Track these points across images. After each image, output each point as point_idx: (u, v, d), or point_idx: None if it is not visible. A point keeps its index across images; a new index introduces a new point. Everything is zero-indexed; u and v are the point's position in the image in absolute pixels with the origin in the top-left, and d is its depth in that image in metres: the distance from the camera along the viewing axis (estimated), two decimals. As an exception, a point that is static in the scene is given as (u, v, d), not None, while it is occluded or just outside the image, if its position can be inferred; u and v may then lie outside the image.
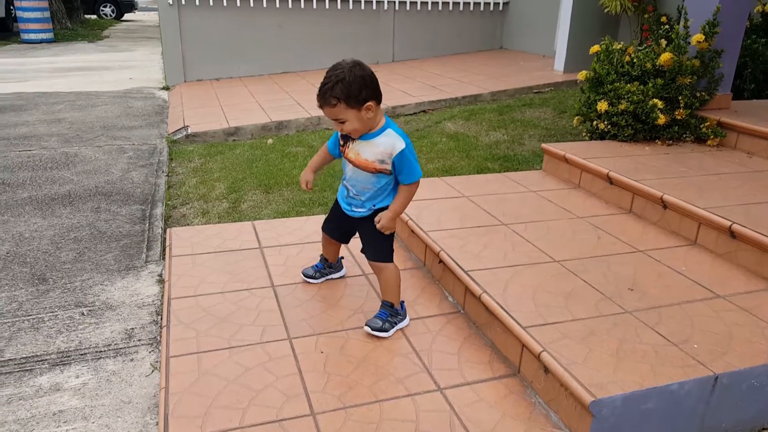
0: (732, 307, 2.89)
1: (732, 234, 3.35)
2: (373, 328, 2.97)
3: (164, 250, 4.00)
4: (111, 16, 25.98)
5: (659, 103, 4.83)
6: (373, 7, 11.02)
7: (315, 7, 10.62)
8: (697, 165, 4.42)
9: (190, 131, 6.76)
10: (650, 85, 4.94)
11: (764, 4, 6.31)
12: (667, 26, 5.67)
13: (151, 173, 5.55)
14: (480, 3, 11.76)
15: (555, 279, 3.14)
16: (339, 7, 10.76)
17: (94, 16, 25.39)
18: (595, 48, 5.44)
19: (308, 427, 2.39)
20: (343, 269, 3.60)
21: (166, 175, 5.52)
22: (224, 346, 2.89)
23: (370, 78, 2.69)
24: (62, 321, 3.22)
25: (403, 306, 3.10)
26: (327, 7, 10.69)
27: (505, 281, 3.10)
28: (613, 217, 3.98)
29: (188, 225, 4.36)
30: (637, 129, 4.98)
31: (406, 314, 3.11)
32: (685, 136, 5.02)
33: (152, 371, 2.86)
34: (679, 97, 4.92)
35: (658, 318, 2.78)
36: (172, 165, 5.83)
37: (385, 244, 2.99)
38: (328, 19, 10.78)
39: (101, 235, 4.24)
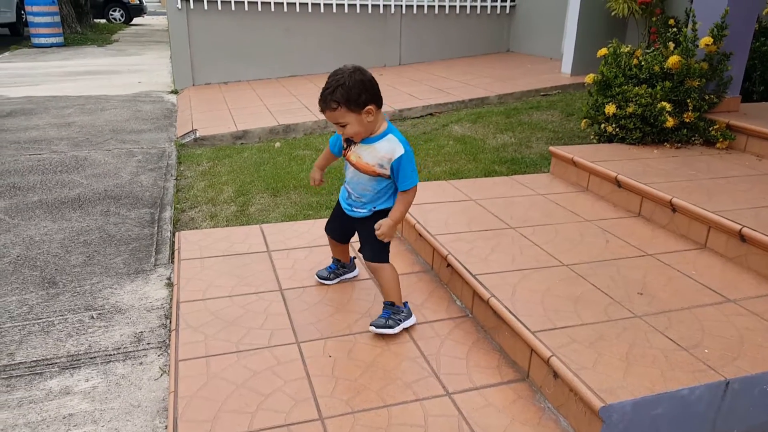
0: (743, 312, 2.87)
1: (742, 237, 3.34)
2: (378, 326, 2.98)
3: (173, 254, 4.01)
4: (120, 20, 26.07)
5: (667, 106, 4.82)
6: (380, 11, 11.02)
7: (322, 11, 10.63)
8: (706, 168, 4.40)
9: (198, 135, 6.77)
10: (658, 88, 4.92)
11: (773, 7, 6.29)
12: (675, 29, 5.64)
13: (160, 177, 5.56)
14: (487, 6, 11.75)
15: (563, 283, 3.13)
16: (346, 10, 10.78)
17: (104, 21, 25.49)
18: (603, 51, 5.43)
19: (317, 432, 2.40)
20: (357, 269, 3.62)
21: (174, 178, 5.53)
22: (232, 349, 2.90)
23: (370, 82, 2.75)
24: (72, 324, 3.23)
25: (406, 305, 3.10)
26: (334, 11, 10.70)
27: (513, 285, 3.10)
28: (621, 221, 3.97)
29: (197, 228, 4.37)
30: (646, 132, 4.97)
31: (411, 313, 3.11)
32: (693, 139, 5.00)
33: (161, 375, 2.86)
34: (688, 100, 4.91)
35: (668, 322, 2.77)
36: (181, 168, 5.84)
37: (382, 244, 3.00)
38: (335, 23, 10.80)
39: (110, 239, 4.25)
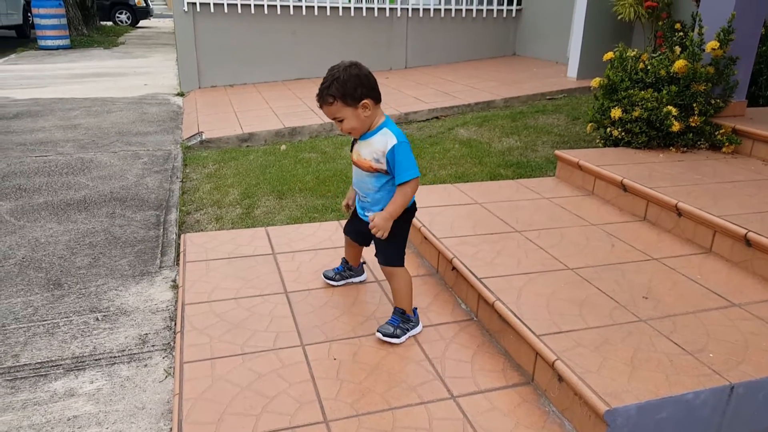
0: (748, 316, 2.86)
1: (747, 242, 3.33)
2: (384, 334, 2.97)
3: (178, 256, 4.01)
4: (126, 22, 26.14)
5: (673, 110, 4.81)
6: (386, 14, 11.04)
7: (328, 14, 10.65)
8: (711, 172, 4.40)
9: (204, 137, 6.79)
10: (664, 92, 4.92)
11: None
12: (681, 33, 5.65)
13: (166, 179, 5.58)
14: (493, 9, 11.75)
15: (569, 287, 3.13)
16: (352, 14, 10.80)
17: (110, 23, 25.56)
18: (609, 55, 5.43)
19: (321, 434, 2.40)
20: (364, 274, 3.61)
21: (180, 180, 5.54)
22: (237, 352, 2.90)
23: (366, 77, 2.74)
24: (77, 326, 3.24)
25: (415, 313, 3.09)
26: (340, 14, 10.72)
27: (518, 289, 3.10)
28: (627, 225, 3.97)
29: (202, 231, 4.38)
30: (651, 136, 4.96)
31: (419, 321, 3.10)
32: (699, 144, 4.99)
33: (166, 377, 2.87)
34: (694, 105, 4.90)
35: (673, 326, 2.77)
36: (187, 171, 5.85)
37: (394, 248, 2.98)
38: (342, 26, 10.81)
39: (116, 241, 4.26)
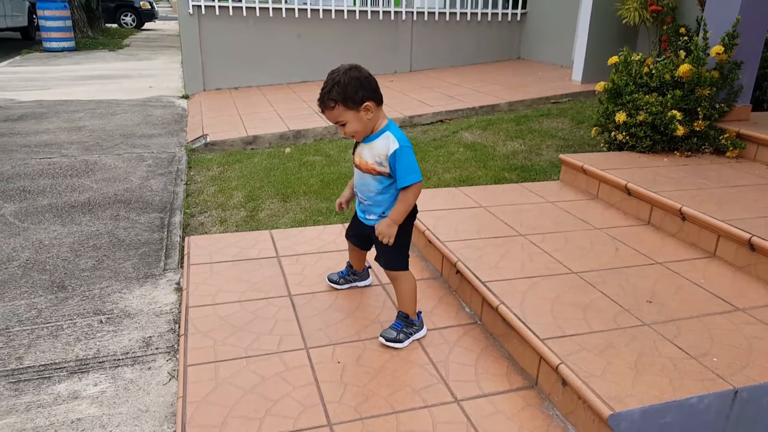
0: (752, 320, 2.86)
1: (752, 247, 3.32)
2: (387, 339, 2.97)
3: (182, 259, 4.02)
4: (131, 25, 26.21)
5: (678, 115, 4.81)
6: (392, 18, 11.05)
7: (333, 17, 10.67)
8: (716, 177, 4.39)
9: (208, 140, 6.80)
10: (669, 96, 4.92)
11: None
12: (686, 37, 5.65)
13: (170, 181, 5.59)
14: (498, 13, 11.77)
15: (573, 291, 3.13)
16: (357, 17, 10.81)
17: (115, 25, 25.63)
18: (614, 59, 5.42)
19: (325, 438, 2.40)
20: (369, 278, 3.61)
21: (184, 183, 5.55)
22: (241, 355, 2.90)
23: (367, 79, 2.71)
24: (81, 329, 3.25)
25: (419, 317, 3.09)
26: (345, 17, 10.74)
27: (522, 292, 3.09)
28: (631, 229, 3.96)
29: (206, 233, 4.38)
30: (656, 140, 4.96)
31: (423, 325, 3.10)
32: (704, 148, 4.99)
33: (170, 380, 2.87)
34: (698, 109, 4.90)
35: (677, 331, 2.76)
36: (191, 173, 5.86)
37: (397, 252, 2.97)
38: (347, 29, 10.83)
39: (120, 243, 4.27)
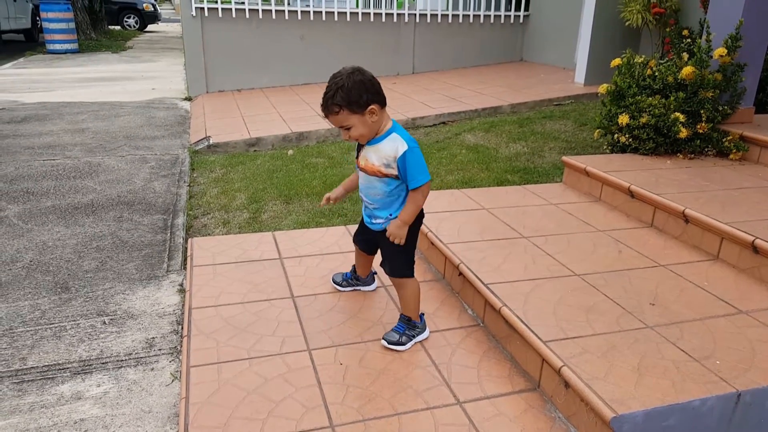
0: (755, 323, 2.86)
1: (755, 249, 3.32)
2: (389, 342, 2.97)
3: (185, 260, 4.02)
4: (135, 27, 26.25)
5: (681, 117, 4.81)
6: (394, 20, 11.06)
7: (336, 20, 10.68)
8: (719, 179, 4.39)
9: (211, 141, 6.81)
10: (672, 98, 4.92)
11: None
12: (689, 40, 5.64)
13: (173, 183, 5.59)
14: (501, 15, 11.77)
15: (576, 293, 3.13)
16: (360, 19, 10.82)
17: (118, 27, 25.67)
18: (617, 61, 5.43)
19: (327, 439, 2.40)
20: (374, 284, 3.58)
21: (187, 185, 5.56)
22: (244, 356, 2.91)
23: (370, 82, 2.67)
24: (84, 329, 3.25)
25: (422, 319, 3.09)
26: (348, 19, 10.75)
27: (525, 295, 3.09)
28: (634, 231, 3.96)
29: (209, 235, 4.39)
30: (659, 142, 4.96)
31: (426, 327, 3.10)
32: (706, 150, 4.99)
33: (172, 381, 2.87)
34: (701, 111, 4.90)
35: (680, 333, 2.76)
36: (194, 175, 5.87)
37: (403, 258, 2.96)
38: (350, 31, 10.84)
39: (123, 245, 4.27)
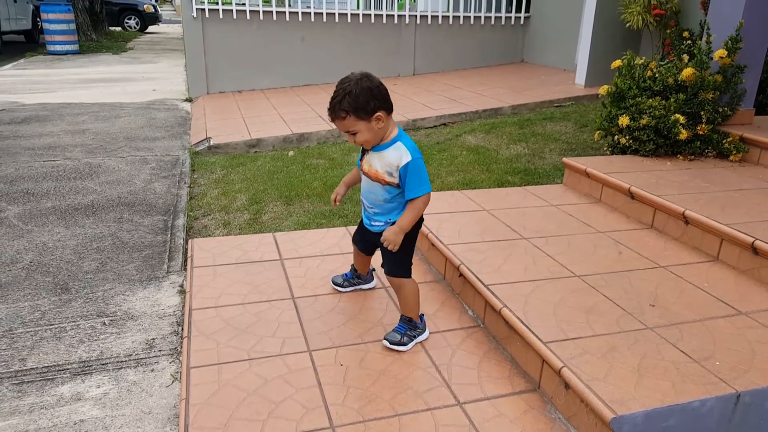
0: (755, 324, 2.86)
1: (755, 250, 3.32)
2: (391, 342, 2.98)
3: (185, 261, 4.02)
4: (135, 28, 26.28)
5: (681, 118, 4.81)
6: (395, 21, 11.06)
7: (337, 21, 10.68)
8: (719, 180, 4.39)
9: (212, 143, 6.81)
10: (672, 100, 4.92)
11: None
12: (689, 41, 5.64)
13: (174, 184, 5.60)
14: (501, 17, 11.77)
15: (576, 294, 3.13)
16: (361, 20, 10.82)
17: (119, 28, 25.70)
18: (617, 63, 5.43)
19: (327, 440, 2.40)
20: (374, 281, 3.61)
21: (188, 186, 5.56)
22: (244, 357, 2.91)
23: (378, 89, 2.69)
24: (84, 330, 3.25)
25: (422, 319, 3.10)
26: (349, 20, 10.74)
27: (525, 296, 3.10)
28: (634, 232, 3.96)
29: (209, 236, 4.39)
30: (659, 144, 4.96)
31: (426, 327, 3.10)
32: (707, 152, 4.99)
33: (172, 382, 2.88)
34: (701, 113, 4.90)
35: (680, 334, 2.76)
36: (194, 176, 5.87)
37: (400, 259, 2.95)
38: (351, 33, 10.84)
39: (123, 246, 4.27)
